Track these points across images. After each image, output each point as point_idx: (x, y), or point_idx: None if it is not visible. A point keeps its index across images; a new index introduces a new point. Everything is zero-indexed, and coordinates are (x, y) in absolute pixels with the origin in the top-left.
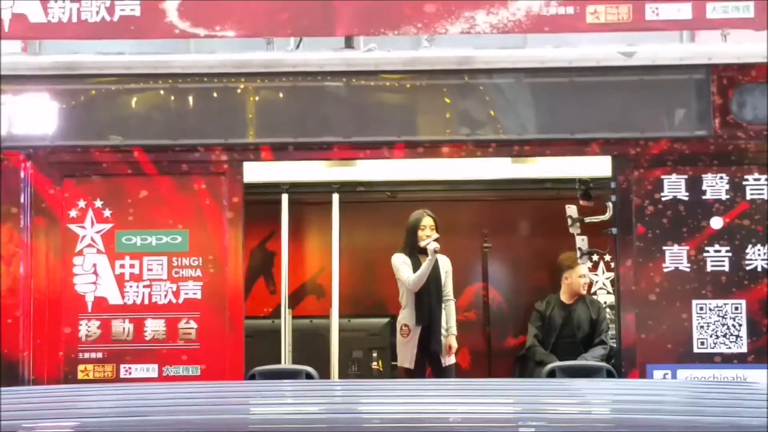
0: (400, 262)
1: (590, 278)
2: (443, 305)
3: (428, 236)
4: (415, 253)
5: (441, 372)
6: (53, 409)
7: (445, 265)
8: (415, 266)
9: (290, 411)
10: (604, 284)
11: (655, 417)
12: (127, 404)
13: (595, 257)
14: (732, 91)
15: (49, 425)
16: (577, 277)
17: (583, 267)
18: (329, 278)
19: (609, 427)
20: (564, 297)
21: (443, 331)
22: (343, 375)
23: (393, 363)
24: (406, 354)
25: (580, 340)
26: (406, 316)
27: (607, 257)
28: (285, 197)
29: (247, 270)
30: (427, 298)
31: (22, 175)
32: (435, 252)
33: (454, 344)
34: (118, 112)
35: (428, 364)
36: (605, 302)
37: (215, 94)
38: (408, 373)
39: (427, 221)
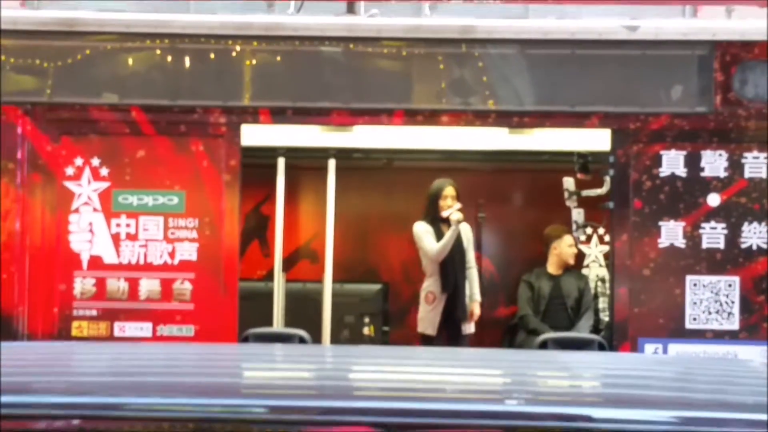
0: (423, 231)
1: (579, 249)
2: (466, 273)
3: (449, 206)
4: (437, 222)
5: (460, 340)
6: (47, 366)
7: (467, 232)
8: (437, 235)
9: (283, 375)
10: (596, 257)
11: (645, 392)
12: (121, 364)
13: (589, 230)
14: (734, 69)
15: (42, 381)
16: (566, 247)
17: (570, 237)
18: (323, 243)
19: (598, 402)
20: (551, 269)
21: (467, 299)
22: (334, 340)
23: (385, 329)
24: (430, 321)
25: (569, 309)
26: (431, 284)
27: (601, 230)
28: (281, 161)
29: (241, 233)
30: (452, 266)
31: (19, 130)
32: (458, 222)
33: (478, 311)
34: (117, 71)
35: (448, 332)
36: (597, 275)
37: (214, 56)
38: (429, 341)
39: (449, 191)
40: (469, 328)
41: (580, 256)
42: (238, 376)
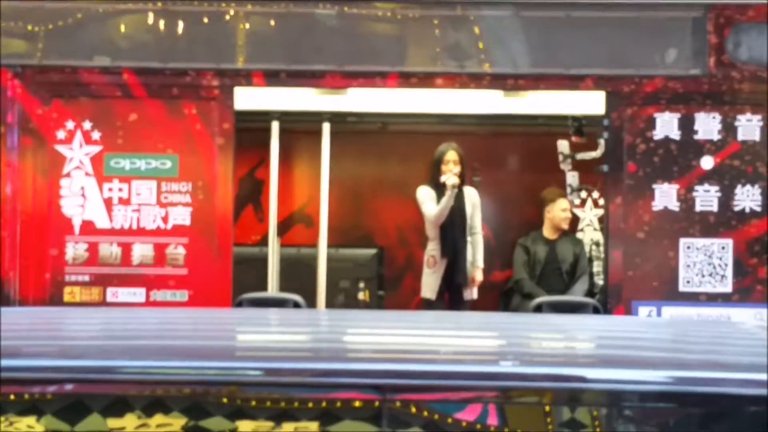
0: (425, 195)
1: (573, 213)
2: (469, 238)
3: (450, 170)
4: (440, 186)
5: (460, 305)
6: (38, 330)
7: (472, 197)
8: (439, 199)
9: (277, 338)
10: (591, 221)
11: (639, 353)
12: (113, 328)
13: (584, 194)
14: (728, 31)
15: (33, 345)
16: (559, 211)
17: (565, 201)
18: (318, 208)
19: (592, 362)
20: (547, 232)
21: (468, 264)
22: (329, 304)
23: (380, 293)
24: (430, 285)
25: (564, 273)
26: (433, 248)
27: (595, 194)
28: (275, 125)
29: (235, 198)
30: (452, 230)
31: (9, 93)
32: (453, 188)
33: (479, 277)
34: (109, 33)
35: (449, 296)
36: (592, 239)
37: (207, 18)
38: (429, 304)
39: (451, 155)
40: (471, 293)
41: (575, 220)
42: (231, 339)
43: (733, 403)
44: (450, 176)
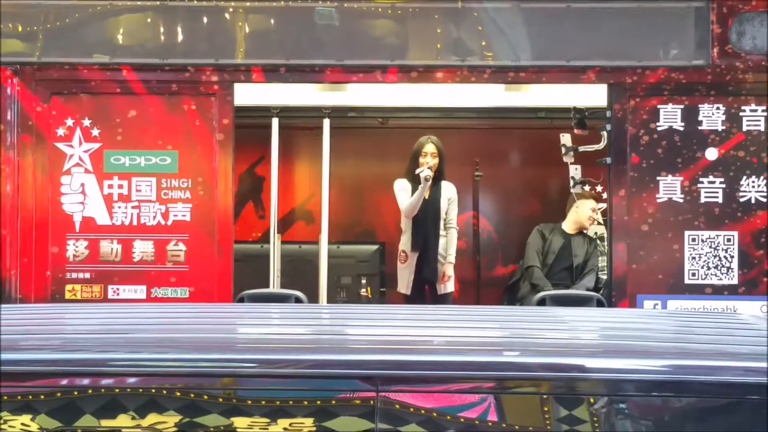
0: (399, 188)
1: (599, 218)
2: (443, 232)
3: (427, 163)
4: (417, 178)
5: (436, 300)
6: (39, 326)
7: (449, 192)
8: (415, 192)
9: (279, 332)
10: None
11: (639, 343)
12: (114, 322)
13: (587, 187)
14: (731, 21)
15: (34, 340)
16: (588, 209)
17: (594, 203)
18: (319, 204)
19: (591, 352)
20: (566, 226)
21: (440, 259)
22: (331, 301)
23: (382, 290)
24: (403, 280)
25: (574, 268)
26: (404, 242)
27: (599, 188)
28: (275, 121)
29: (236, 194)
30: (424, 224)
31: (8, 91)
32: (426, 180)
33: (450, 272)
34: (108, 30)
35: (422, 291)
36: (596, 233)
37: (206, 14)
38: (405, 299)
39: (429, 148)
40: (445, 288)
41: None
42: (227, 332)
43: (734, 391)
44: (424, 169)
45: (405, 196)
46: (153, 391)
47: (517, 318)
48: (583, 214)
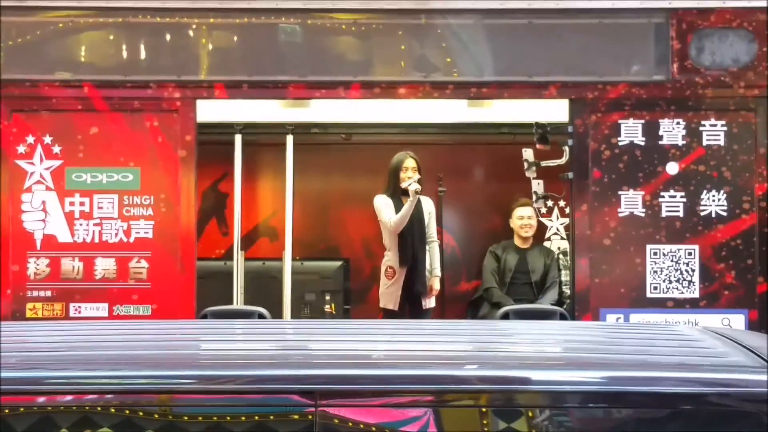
0: (383, 204)
1: (540, 222)
2: (427, 246)
3: (410, 177)
4: (398, 194)
5: (420, 315)
6: None
7: (428, 206)
8: (398, 208)
9: (241, 348)
10: (558, 230)
11: (575, 355)
12: (75, 339)
13: (550, 203)
14: (691, 36)
15: None
16: (516, 219)
17: (523, 209)
18: (282, 220)
19: (528, 364)
20: (518, 241)
21: (426, 273)
22: (295, 317)
23: (346, 306)
24: (391, 296)
25: (534, 283)
26: (390, 258)
27: (562, 203)
28: (238, 138)
29: (199, 211)
30: (411, 239)
31: None
32: (416, 193)
33: (437, 286)
34: (69, 47)
35: (410, 306)
36: (559, 248)
37: (168, 30)
38: (391, 315)
39: (410, 163)
40: (430, 302)
41: (542, 229)
42: (166, 349)
43: (664, 402)
44: (413, 182)
45: (390, 211)
46: (87, 408)
47: (482, 332)
48: (515, 222)
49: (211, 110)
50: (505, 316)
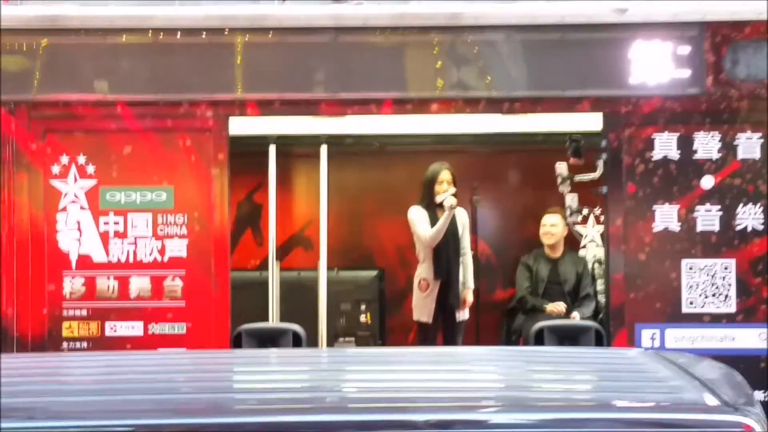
0: (418, 216)
1: (551, 231)
2: (460, 259)
3: (445, 191)
4: (433, 206)
5: (454, 327)
6: (29, 384)
7: (462, 218)
8: (433, 220)
9: (276, 386)
10: (593, 237)
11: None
12: (109, 378)
13: (585, 211)
14: (725, 49)
15: (24, 401)
16: (541, 226)
17: (550, 216)
18: (317, 230)
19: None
20: (548, 250)
21: (459, 285)
22: (330, 328)
23: (381, 316)
24: (425, 308)
25: (567, 293)
26: (424, 270)
27: (597, 210)
28: (272, 149)
29: (234, 222)
30: (445, 252)
31: (3, 130)
32: (452, 208)
33: (470, 298)
34: (102, 66)
35: (443, 319)
36: (595, 256)
37: (200, 49)
38: (425, 328)
39: (445, 175)
40: (463, 315)
41: (574, 239)
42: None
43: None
44: (449, 197)
45: (425, 224)
46: None
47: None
48: (541, 232)
49: (244, 124)
50: (540, 333)
